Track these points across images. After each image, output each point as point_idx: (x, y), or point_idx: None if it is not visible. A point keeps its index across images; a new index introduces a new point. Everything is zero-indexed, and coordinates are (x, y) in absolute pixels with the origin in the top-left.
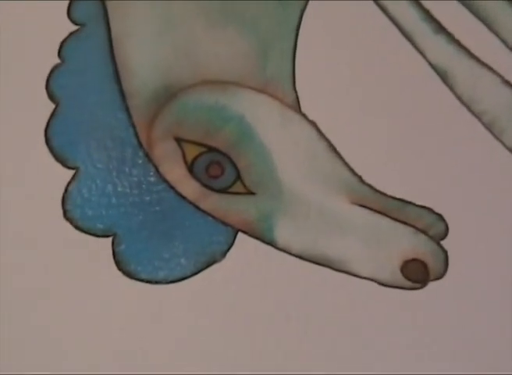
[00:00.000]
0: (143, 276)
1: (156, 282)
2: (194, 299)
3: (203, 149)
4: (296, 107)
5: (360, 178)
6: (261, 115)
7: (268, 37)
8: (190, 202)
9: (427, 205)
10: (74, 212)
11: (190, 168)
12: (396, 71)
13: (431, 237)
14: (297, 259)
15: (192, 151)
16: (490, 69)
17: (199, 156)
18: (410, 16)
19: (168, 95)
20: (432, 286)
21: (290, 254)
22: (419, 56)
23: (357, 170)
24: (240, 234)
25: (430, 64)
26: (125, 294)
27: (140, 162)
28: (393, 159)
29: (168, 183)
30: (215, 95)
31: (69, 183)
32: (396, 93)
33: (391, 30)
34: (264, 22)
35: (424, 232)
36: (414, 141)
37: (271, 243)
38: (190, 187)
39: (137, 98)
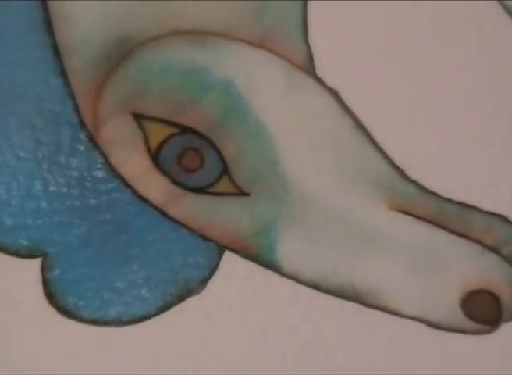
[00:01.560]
0: (86, 314)
1: (105, 323)
2: (160, 347)
3: (173, 130)
4: (310, 68)
5: (402, 172)
6: (258, 79)
7: None
8: (156, 207)
9: (498, 211)
10: None
11: (155, 157)
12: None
13: (504, 258)
14: (310, 290)
15: (158, 134)
16: None
17: (168, 140)
18: None
19: (122, 52)
20: (506, 328)
21: (300, 282)
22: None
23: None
24: (226, 254)
25: None
26: (60, 341)
27: (83, 148)
28: (445, 145)
29: (123, 180)
30: (190, 52)
31: None
32: (447, 56)
33: None
34: None
35: (494, 250)
36: (472, 118)
37: (272, 266)
38: (154, 186)
39: (78, 56)
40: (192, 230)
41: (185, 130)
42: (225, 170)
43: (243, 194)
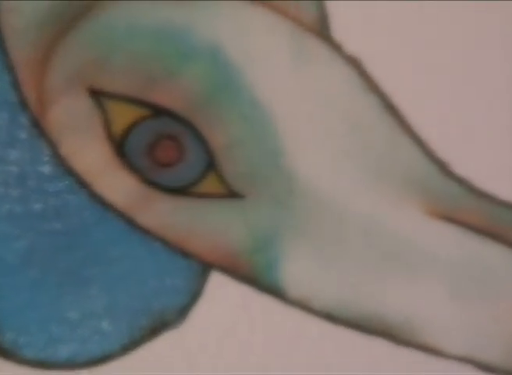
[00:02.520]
0: (29, 353)
1: (54, 365)
2: None
3: (143, 112)
4: (323, 30)
5: (443, 166)
6: (255, 46)
7: None
8: (121, 213)
9: None
10: None
11: (120, 147)
12: None
13: None
14: (323, 323)
15: (123, 117)
16: None
17: (136, 125)
18: None
19: (76, 9)
20: None
21: (310, 312)
22: None
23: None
24: (213, 275)
25: None
26: None
27: (24, 136)
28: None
29: (77, 178)
30: (165, 9)
31: None
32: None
33: None
34: None
35: None
36: None
37: (273, 291)
38: (119, 185)
39: (18, 13)
40: (168, 243)
41: (158, 111)
42: (211, 165)
43: (235, 196)
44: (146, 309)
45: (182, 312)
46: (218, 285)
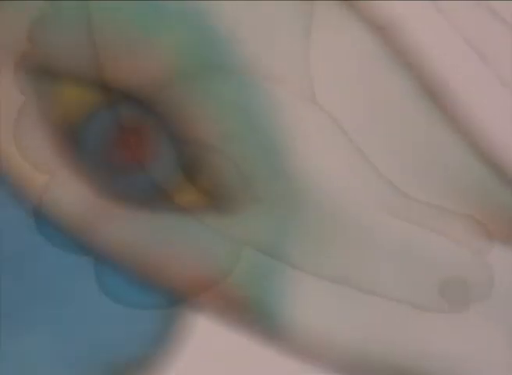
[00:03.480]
0: None
1: None
2: None
3: (97, 97)
4: None
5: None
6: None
7: None
8: (67, 230)
9: None
10: None
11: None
12: None
13: None
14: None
15: (69, 102)
16: None
17: (88, 114)
18: None
19: None
20: None
21: (323, 361)
22: None
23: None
24: (189, 313)
25: None
26: None
27: None
28: None
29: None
30: None
31: None
32: None
33: None
34: None
35: None
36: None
37: (272, 333)
38: (65, 192)
39: None
40: (129, 269)
41: (117, 95)
42: (188, 165)
43: (221, 207)
44: (100, 361)
45: (145, 365)
46: (197, 328)
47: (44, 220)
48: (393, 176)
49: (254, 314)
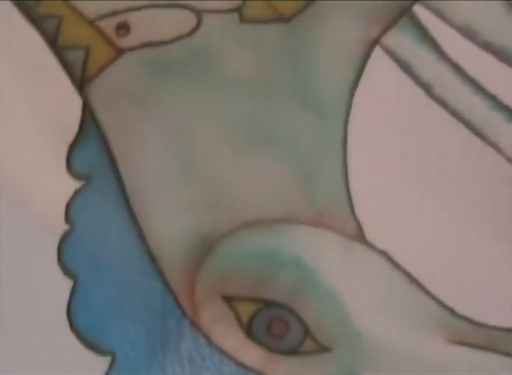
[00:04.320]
0: None
1: None
2: None
3: (259, 305)
4: (361, 236)
5: (451, 310)
6: (321, 253)
7: (311, 159)
8: (256, 371)
9: None
10: None
11: (248, 330)
12: (471, 171)
13: None
14: None
15: (247, 310)
16: None
17: (256, 314)
18: (475, 107)
19: (205, 248)
20: None
21: None
22: (491, 150)
23: (445, 301)
24: None
25: (508, 159)
26: None
27: (188, 333)
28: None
29: (225, 354)
30: (261, 238)
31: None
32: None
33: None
34: (304, 141)
35: None
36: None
37: None
38: (252, 354)
39: (170, 258)
40: None
41: (269, 303)
42: (307, 332)
43: (326, 349)
44: None
45: None
46: None
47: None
48: (404, 318)
49: None
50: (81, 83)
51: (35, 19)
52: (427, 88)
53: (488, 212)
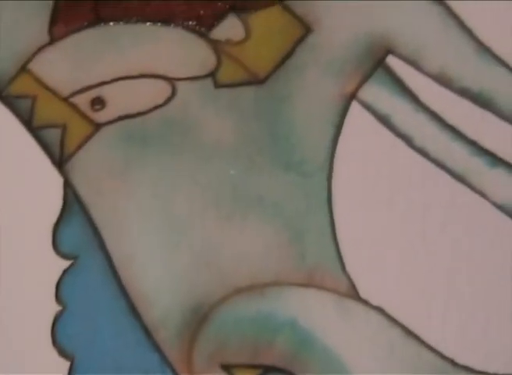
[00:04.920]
0: None
1: None
2: None
3: (258, 371)
4: (354, 293)
5: (452, 361)
6: (316, 313)
7: (298, 218)
8: None
9: None
10: None
11: None
12: (458, 219)
13: None
14: None
15: None
16: None
17: None
18: (457, 154)
19: (199, 317)
20: None
21: None
22: (477, 196)
23: (445, 352)
24: None
25: (495, 205)
26: None
27: None
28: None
29: None
30: (254, 304)
31: None
32: (467, 249)
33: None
34: (289, 201)
35: None
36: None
37: None
38: None
39: (164, 329)
40: None
41: (268, 368)
42: None
43: None
44: None
45: None
46: None
47: None
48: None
49: None
50: (60, 161)
51: (8, 101)
52: (407, 139)
53: (480, 259)
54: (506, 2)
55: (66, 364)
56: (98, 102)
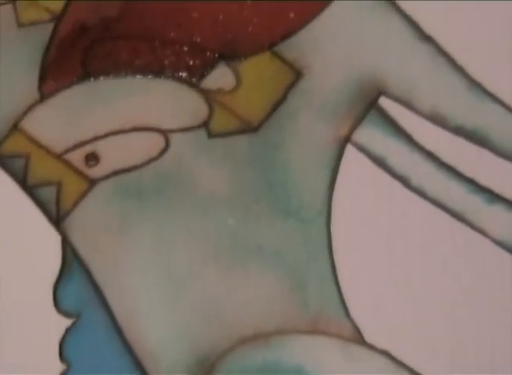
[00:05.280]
0: None
1: None
2: None
3: None
4: (360, 338)
5: None
6: (322, 360)
7: (299, 265)
8: None
9: None
10: None
11: None
12: (459, 257)
13: None
14: None
15: None
16: None
17: None
18: (454, 193)
19: (205, 369)
20: None
21: None
22: (477, 234)
23: None
24: None
25: (494, 241)
26: None
27: None
28: None
29: None
30: (260, 353)
31: None
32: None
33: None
34: (289, 248)
35: None
36: None
37: None
38: None
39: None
40: None
41: None
42: None
43: None
44: None
45: None
46: None
47: None
48: None
49: None
50: (57, 219)
51: (1, 161)
52: (404, 180)
53: (482, 295)
54: (497, 38)
55: None
56: (92, 158)
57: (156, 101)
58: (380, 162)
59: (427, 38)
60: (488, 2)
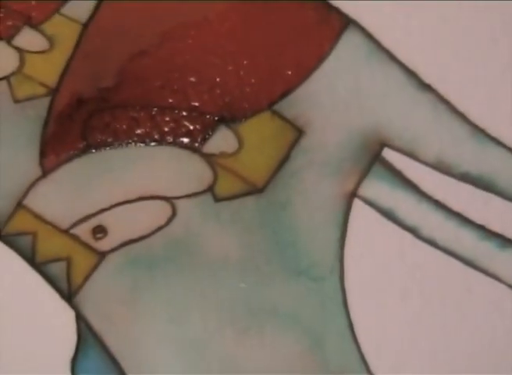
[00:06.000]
0: None
1: None
2: None
3: None
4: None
5: None
6: None
7: (316, 324)
8: None
9: None
10: None
11: None
12: (475, 305)
13: None
14: None
15: None
16: None
17: None
18: (465, 240)
19: None
20: None
21: None
22: (491, 280)
23: None
24: None
25: (510, 286)
26: None
27: None
28: None
29: None
30: None
31: None
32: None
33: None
34: (304, 307)
35: None
36: None
37: None
38: None
39: None
40: None
41: None
42: None
43: None
44: None
45: None
46: None
47: None
48: None
49: None
50: (69, 294)
51: (8, 239)
52: (414, 231)
53: (501, 343)
54: (496, 81)
55: None
56: (100, 231)
57: (159, 168)
58: (389, 215)
59: (426, 87)
60: (485, 46)
